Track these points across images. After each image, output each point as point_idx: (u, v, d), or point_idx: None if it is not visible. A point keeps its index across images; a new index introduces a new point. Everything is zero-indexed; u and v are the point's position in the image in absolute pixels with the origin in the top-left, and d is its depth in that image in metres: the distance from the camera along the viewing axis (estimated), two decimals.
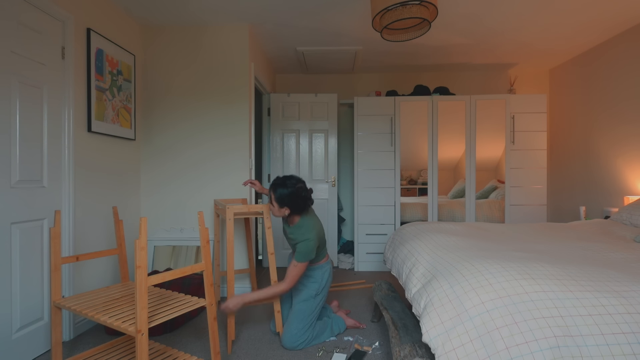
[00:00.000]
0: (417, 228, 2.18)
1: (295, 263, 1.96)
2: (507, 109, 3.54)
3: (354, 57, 3.62)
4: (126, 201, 2.70)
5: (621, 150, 3.07)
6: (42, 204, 1.94)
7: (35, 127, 1.91)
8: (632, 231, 2.14)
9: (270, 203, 2.02)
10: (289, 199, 1.95)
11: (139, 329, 1.25)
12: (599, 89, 3.33)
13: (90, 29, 2.27)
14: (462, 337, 1.15)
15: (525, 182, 3.56)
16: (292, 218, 2.06)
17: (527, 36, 3.15)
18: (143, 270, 1.26)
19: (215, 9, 2.62)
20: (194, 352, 1.95)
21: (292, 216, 2.05)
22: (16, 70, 1.78)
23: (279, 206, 1.98)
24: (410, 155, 3.62)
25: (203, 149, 2.89)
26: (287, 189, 1.95)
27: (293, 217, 2.05)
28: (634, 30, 2.93)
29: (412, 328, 1.70)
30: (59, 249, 1.56)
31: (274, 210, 2.01)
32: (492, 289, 1.21)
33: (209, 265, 1.58)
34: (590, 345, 1.04)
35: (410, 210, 3.62)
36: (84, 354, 1.65)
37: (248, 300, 1.89)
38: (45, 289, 1.97)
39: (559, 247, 1.78)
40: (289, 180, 1.97)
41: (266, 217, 2.07)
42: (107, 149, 2.48)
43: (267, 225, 2.06)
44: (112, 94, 2.48)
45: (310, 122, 3.78)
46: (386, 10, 1.97)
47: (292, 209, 1.99)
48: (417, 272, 1.61)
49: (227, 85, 2.88)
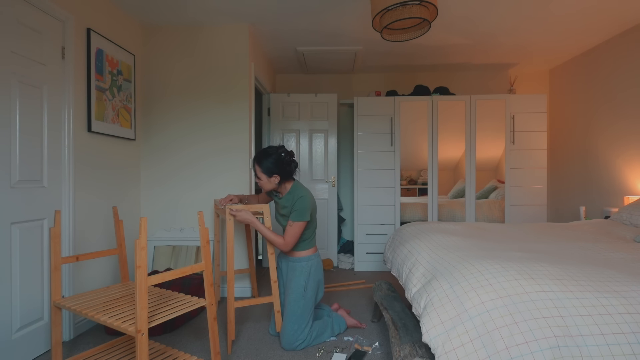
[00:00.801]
0: (417, 228, 2.18)
1: (292, 222, 1.96)
2: (507, 109, 3.54)
3: (354, 57, 3.62)
4: (126, 201, 2.70)
5: (621, 150, 3.08)
6: (42, 204, 1.94)
7: (35, 127, 1.91)
8: (632, 231, 2.14)
9: (258, 178, 2.02)
10: (274, 165, 1.98)
11: (139, 329, 1.25)
12: (599, 89, 3.33)
13: (90, 29, 2.27)
14: (462, 337, 1.15)
15: (525, 182, 3.56)
16: (283, 186, 2.06)
17: (527, 36, 3.15)
18: (143, 270, 1.26)
19: (215, 9, 2.62)
20: (194, 352, 1.95)
21: (283, 184, 2.05)
22: (16, 70, 1.78)
23: (267, 177, 2.00)
24: (410, 155, 3.62)
25: (203, 149, 2.89)
26: (271, 156, 1.98)
27: (284, 185, 2.05)
28: (634, 30, 2.93)
29: (412, 328, 1.70)
30: (59, 249, 1.56)
31: (264, 183, 2.02)
32: (492, 289, 1.21)
33: (209, 265, 1.58)
34: (590, 345, 1.04)
35: (410, 210, 3.62)
36: (84, 354, 1.65)
37: (255, 224, 1.97)
38: (45, 289, 1.97)
39: (559, 247, 1.78)
40: (269, 149, 2.01)
41: (266, 216, 2.07)
42: (107, 148, 2.48)
43: (268, 225, 2.06)
44: (112, 93, 2.48)
45: (310, 122, 3.78)
46: (386, 10, 1.97)
47: (281, 175, 2.00)
48: (417, 272, 1.61)
49: (227, 85, 2.88)
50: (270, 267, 2.08)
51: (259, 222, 2.00)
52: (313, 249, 2.10)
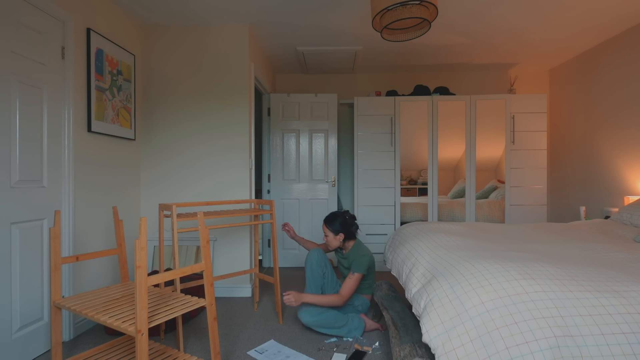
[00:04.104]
0: (417, 228, 2.18)
1: (351, 275, 2.18)
2: (507, 109, 3.54)
3: (354, 57, 3.62)
4: (126, 201, 2.70)
5: (621, 150, 3.07)
6: (42, 204, 1.94)
7: (35, 127, 1.91)
8: (632, 231, 2.14)
9: (325, 235, 2.34)
10: (340, 225, 2.30)
11: (139, 329, 1.25)
12: (599, 89, 3.33)
13: (90, 29, 2.27)
14: (462, 337, 1.15)
15: (525, 182, 3.56)
16: (347, 244, 2.35)
17: (527, 36, 3.15)
18: (143, 270, 1.26)
19: (215, 9, 2.62)
20: (194, 352, 1.95)
21: (347, 242, 2.35)
22: (16, 70, 1.78)
23: (333, 235, 2.30)
24: (410, 155, 3.62)
25: (203, 148, 2.89)
26: (337, 218, 2.31)
27: (348, 242, 2.35)
28: (634, 30, 2.93)
29: (412, 328, 1.70)
30: (59, 249, 1.56)
31: (330, 240, 2.32)
32: (492, 289, 1.21)
33: (209, 265, 1.58)
34: (590, 345, 1.04)
35: (410, 210, 3.62)
36: (84, 354, 1.65)
37: (305, 300, 2.12)
38: (45, 289, 1.97)
39: (559, 247, 1.78)
40: (336, 213, 2.36)
41: (272, 217, 2.07)
42: (107, 148, 2.48)
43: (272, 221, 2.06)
44: (112, 93, 2.48)
45: (310, 122, 3.78)
46: (386, 10, 1.97)
47: (345, 233, 2.31)
48: (417, 272, 1.61)
49: (227, 85, 2.88)
50: (274, 267, 2.07)
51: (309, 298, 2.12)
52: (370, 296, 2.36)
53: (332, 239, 2.32)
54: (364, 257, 2.22)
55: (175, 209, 1.83)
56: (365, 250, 2.28)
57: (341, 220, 2.30)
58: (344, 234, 2.31)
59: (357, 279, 2.17)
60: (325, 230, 2.34)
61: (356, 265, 2.19)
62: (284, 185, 3.78)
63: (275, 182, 3.78)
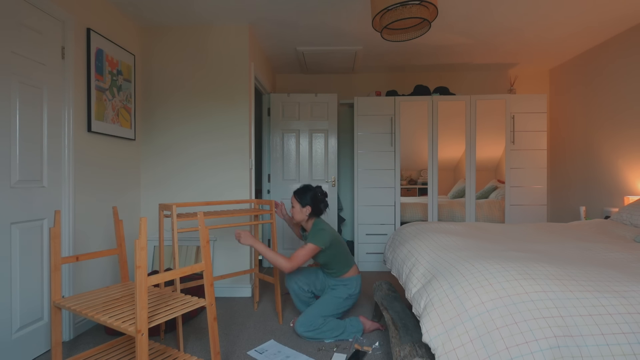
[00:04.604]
0: (417, 228, 2.18)
1: (304, 245, 2.12)
2: (507, 109, 3.54)
3: (354, 57, 3.62)
4: (126, 201, 2.70)
5: (621, 151, 3.07)
6: (42, 204, 1.94)
7: (35, 127, 1.91)
8: (632, 231, 2.14)
9: (292, 207, 2.28)
10: (310, 199, 2.25)
11: (139, 329, 1.25)
12: (600, 89, 3.33)
13: (90, 29, 2.27)
14: (462, 337, 1.15)
15: (525, 182, 3.56)
16: (309, 222, 2.29)
17: (527, 36, 3.15)
18: (143, 270, 1.26)
19: (215, 9, 2.62)
20: (194, 352, 1.95)
21: (309, 220, 2.29)
22: (16, 70, 1.78)
23: (300, 206, 2.25)
24: (410, 155, 3.62)
25: (203, 148, 2.89)
26: (309, 192, 2.27)
27: (310, 220, 2.29)
28: (634, 30, 2.93)
29: (412, 328, 1.70)
30: (59, 249, 1.56)
31: (296, 211, 2.26)
32: (492, 289, 1.21)
33: (209, 265, 1.58)
34: (590, 345, 1.04)
35: (410, 210, 3.62)
36: (84, 354, 1.65)
37: (256, 247, 2.07)
38: (45, 289, 1.97)
39: (559, 247, 1.78)
40: (308, 186, 2.32)
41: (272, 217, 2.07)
42: (107, 148, 2.48)
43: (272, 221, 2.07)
44: (112, 93, 2.48)
45: (310, 122, 3.78)
46: (386, 10, 1.97)
47: (313, 208, 2.25)
48: (417, 272, 1.61)
49: (227, 85, 2.88)
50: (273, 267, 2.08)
51: (261, 247, 2.07)
52: (357, 270, 2.32)
53: (298, 210, 2.27)
54: (322, 230, 2.18)
55: (175, 209, 1.83)
56: (325, 225, 2.24)
57: (312, 195, 2.26)
58: (311, 208, 2.26)
59: (309, 250, 2.10)
60: (293, 201, 2.30)
61: (311, 236, 2.15)
62: (284, 185, 3.78)
63: (275, 182, 3.78)
